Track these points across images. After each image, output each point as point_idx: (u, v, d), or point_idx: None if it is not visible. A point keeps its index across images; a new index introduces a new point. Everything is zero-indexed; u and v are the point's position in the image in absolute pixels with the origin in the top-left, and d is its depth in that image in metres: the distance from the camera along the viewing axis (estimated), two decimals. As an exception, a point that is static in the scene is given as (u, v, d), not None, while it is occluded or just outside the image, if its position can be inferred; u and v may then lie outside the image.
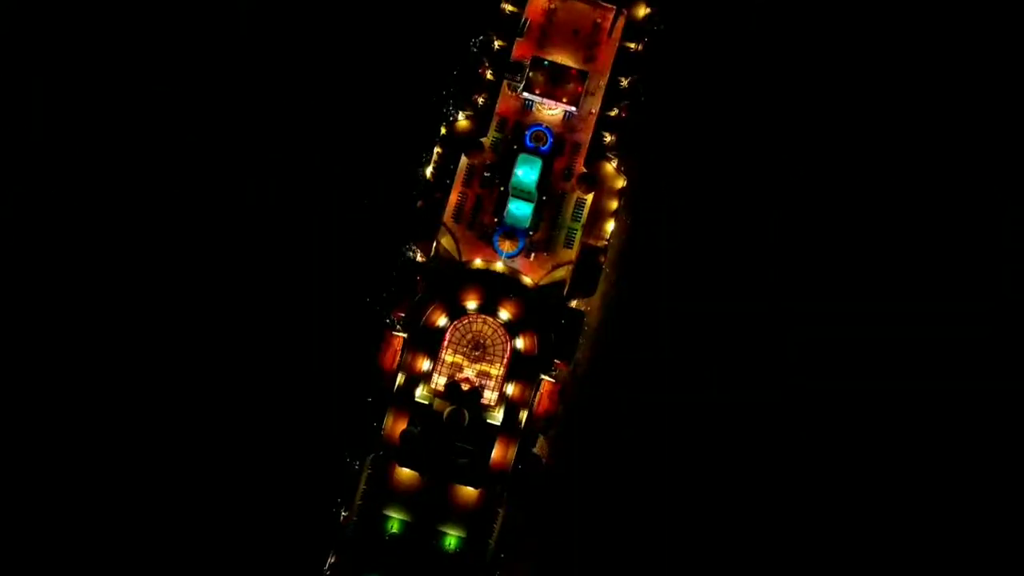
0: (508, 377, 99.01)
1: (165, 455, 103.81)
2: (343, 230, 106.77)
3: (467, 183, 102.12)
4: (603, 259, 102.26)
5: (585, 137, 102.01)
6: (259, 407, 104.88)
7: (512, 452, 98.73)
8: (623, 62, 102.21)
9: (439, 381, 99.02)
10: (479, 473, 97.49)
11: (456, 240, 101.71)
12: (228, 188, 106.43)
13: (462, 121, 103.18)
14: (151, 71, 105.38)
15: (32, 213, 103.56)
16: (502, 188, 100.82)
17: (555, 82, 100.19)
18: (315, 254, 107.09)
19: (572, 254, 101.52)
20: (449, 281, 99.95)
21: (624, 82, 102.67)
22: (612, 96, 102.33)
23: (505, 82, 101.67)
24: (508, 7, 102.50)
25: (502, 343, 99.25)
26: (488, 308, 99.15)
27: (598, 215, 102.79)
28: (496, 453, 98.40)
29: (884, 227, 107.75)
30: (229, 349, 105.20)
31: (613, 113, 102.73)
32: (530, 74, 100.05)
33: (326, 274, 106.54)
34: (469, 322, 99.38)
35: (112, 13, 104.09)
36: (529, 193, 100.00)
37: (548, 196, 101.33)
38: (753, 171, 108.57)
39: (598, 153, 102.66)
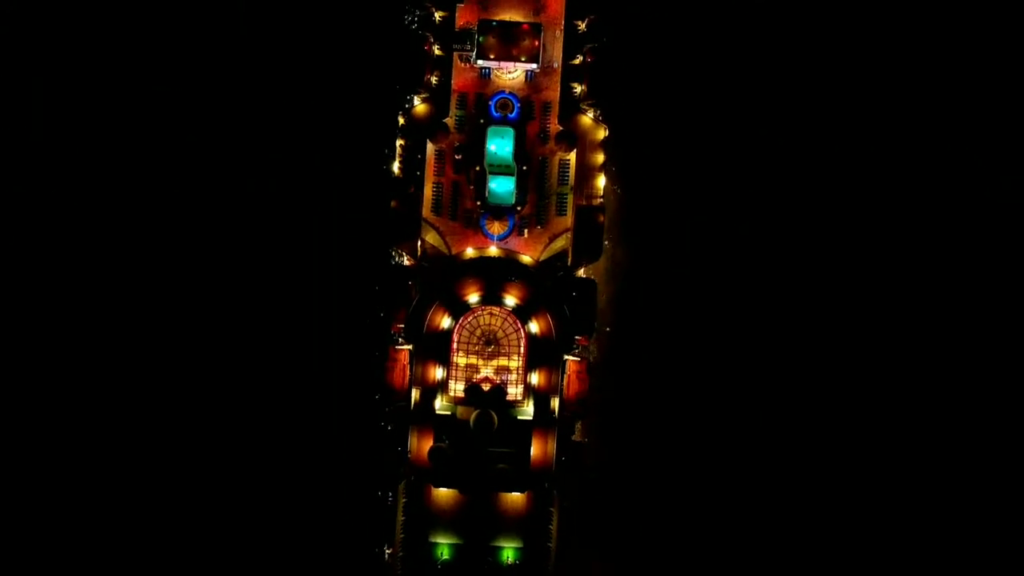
0: (529, 366, 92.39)
1: (181, 508, 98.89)
2: (318, 248, 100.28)
3: (439, 171, 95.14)
4: (602, 218, 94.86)
5: (553, 94, 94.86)
6: (268, 452, 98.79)
7: (552, 445, 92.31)
8: (576, 3, 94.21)
9: (457, 387, 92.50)
10: (522, 475, 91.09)
11: (441, 234, 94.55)
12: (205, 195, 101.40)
13: (419, 106, 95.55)
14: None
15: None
16: (478, 168, 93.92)
17: (508, 42, 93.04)
18: (296, 284, 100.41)
19: (568, 220, 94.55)
20: (444, 278, 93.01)
21: (581, 25, 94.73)
22: (572, 43, 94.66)
23: (456, 54, 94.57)
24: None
25: (515, 332, 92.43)
26: (492, 298, 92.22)
27: (586, 173, 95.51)
28: (535, 450, 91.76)
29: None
30: (225, 383, 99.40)
31: (577, 61, 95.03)
32: (480, 39, 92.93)
33: (315, 300, 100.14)
34: (475, 317, 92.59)
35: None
36: (507, 166, 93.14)
37: (528, 165, 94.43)
38: (741, 107, 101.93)
39: (571, 107, 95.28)
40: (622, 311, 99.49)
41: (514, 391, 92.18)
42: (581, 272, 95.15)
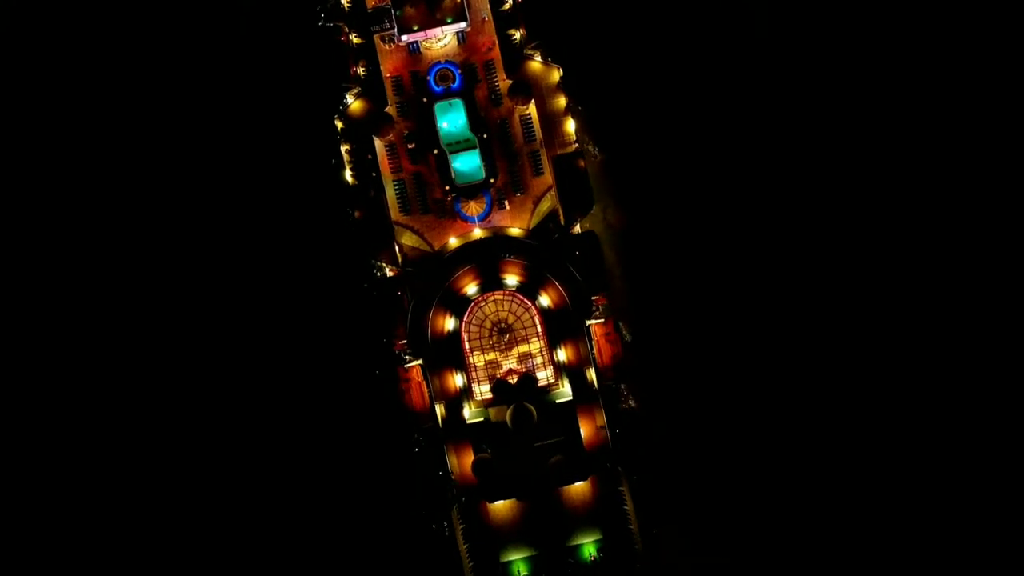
0: (552, 344, 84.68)
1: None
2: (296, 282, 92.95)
3: (396, 167, 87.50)
4: (582, 163, 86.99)
5: (493, 48, 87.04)
6: (304, 506, 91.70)
7: (601, 419, 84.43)
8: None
9: (482, 390, 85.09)
10: (579, 462, 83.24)
11: (418, 232, 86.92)
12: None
13: (354, 103, 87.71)
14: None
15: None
16: (436, 151, 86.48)
17: (429, 7, 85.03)
18: (284, 325, 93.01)
19: (548, 177, 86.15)
20: (434, 278, 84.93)
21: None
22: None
23: (376, 37, 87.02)
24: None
25: (526, 312, 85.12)
26: (491, 283, 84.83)
27: (552, 121, 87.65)
28: (585, 431, 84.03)
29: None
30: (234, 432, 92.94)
31: (508, 6, 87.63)
32: (397, 13, 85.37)
33: (312, 339, 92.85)
34: (479, 309, 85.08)
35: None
36: (466, 140, 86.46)
37: (488, 132, 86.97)
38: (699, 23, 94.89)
39: (516, 56, 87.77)
40: (633, 276, 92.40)
41: (544, 375, 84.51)
42: (577, 228, 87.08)
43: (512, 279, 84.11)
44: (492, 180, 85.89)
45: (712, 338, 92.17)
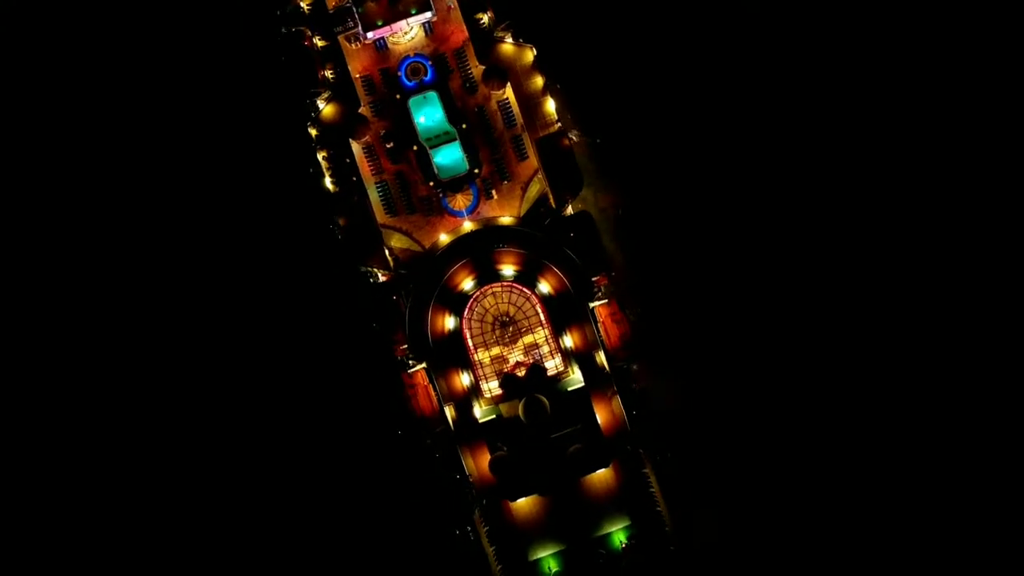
0: (557, 331, 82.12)
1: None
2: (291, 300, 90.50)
3: (376, 168, 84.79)
4: (567, 141, 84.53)
5: (462, 35, 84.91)
6: (325, 529, 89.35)
7: (617, 403, 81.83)
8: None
9: (491, 386, 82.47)
10: (598, 449, 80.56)
11: (406, 232, 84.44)
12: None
13: (326, 108, 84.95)
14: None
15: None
16: (415, 147, 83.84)
17: (391, 1, 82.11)
18: (283, 346, 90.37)
19: (533, 160, 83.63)
20: (429, 278, 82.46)
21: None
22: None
23: (341, 38, 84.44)
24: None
25: (527, 301, 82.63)
26: (487, 276, 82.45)
27: (531, 103, 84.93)
28: (601, 416, 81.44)
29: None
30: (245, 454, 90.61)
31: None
32: (359, 11, 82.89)
33: (315, 355, 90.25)
34: (478, 304, 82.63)
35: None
36: (445, 133, 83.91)
37: (467, 122, 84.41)
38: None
39: (486, 41, 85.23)
40: (632, 259, 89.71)
41: (553, 364, 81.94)
42: (569, 210, 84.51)
43: (509, 269, 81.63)
44: (476, 171, 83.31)
45: (721, 317, 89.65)
